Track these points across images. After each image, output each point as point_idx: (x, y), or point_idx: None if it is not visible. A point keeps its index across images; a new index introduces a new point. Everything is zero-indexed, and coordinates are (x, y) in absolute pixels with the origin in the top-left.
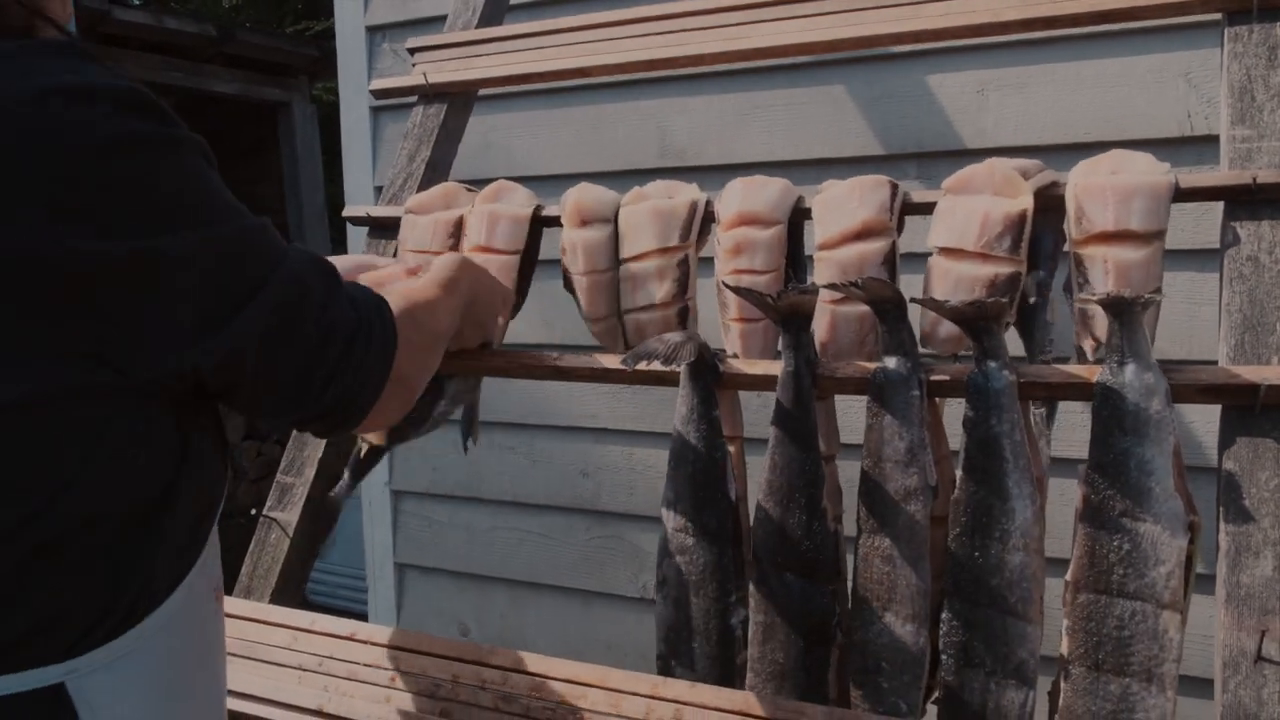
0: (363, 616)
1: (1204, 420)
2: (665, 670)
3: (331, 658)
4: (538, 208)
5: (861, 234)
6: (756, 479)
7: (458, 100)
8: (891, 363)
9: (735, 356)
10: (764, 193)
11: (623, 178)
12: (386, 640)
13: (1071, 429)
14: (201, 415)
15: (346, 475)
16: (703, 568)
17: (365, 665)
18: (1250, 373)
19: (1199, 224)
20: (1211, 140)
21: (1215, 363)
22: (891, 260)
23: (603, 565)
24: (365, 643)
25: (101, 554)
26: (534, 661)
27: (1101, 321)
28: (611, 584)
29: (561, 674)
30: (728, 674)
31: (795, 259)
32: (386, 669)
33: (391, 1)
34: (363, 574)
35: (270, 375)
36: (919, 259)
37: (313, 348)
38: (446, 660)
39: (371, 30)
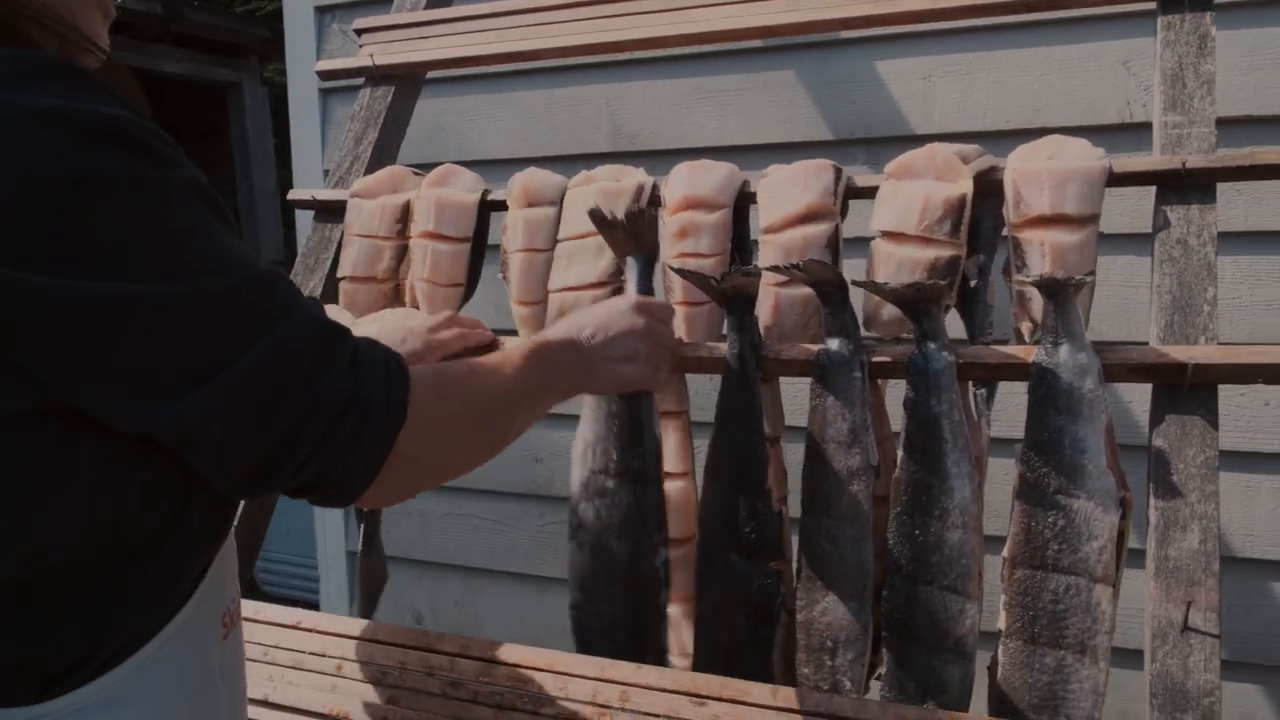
0: (315, 606)
1: (1141, 399)
2: (582, 619)
3: (277, 647)
4: (485, 192)
5: (806, 218)
6: (703, 461)
7: (405, 82)
8: (834, 345)
9: (681, 339)
10: (710, 176)
11: (574, 161)
12: (332, 628)
13: (1017, 409)
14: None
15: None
16: (625, 510)
17: (311, 654)
18: (1179, 352)
19: (1137, 208)
20: (1150, 127)
21: (1148, 343)
22: (835, 244)
23: (557, 551)
24: (311, 631)
25: (74, 602)
26: (480, 646)
27: (1038, 303)
28: (561, 568)
29: (509, 658)
30: (651, 618)
31: (741, 242)
32: (333, 657)
33: None
34: (315, 563)
35: (238, 449)
36: (863, 243)
37: (291, 423)
38: (393, 647)
39: (320, 10)
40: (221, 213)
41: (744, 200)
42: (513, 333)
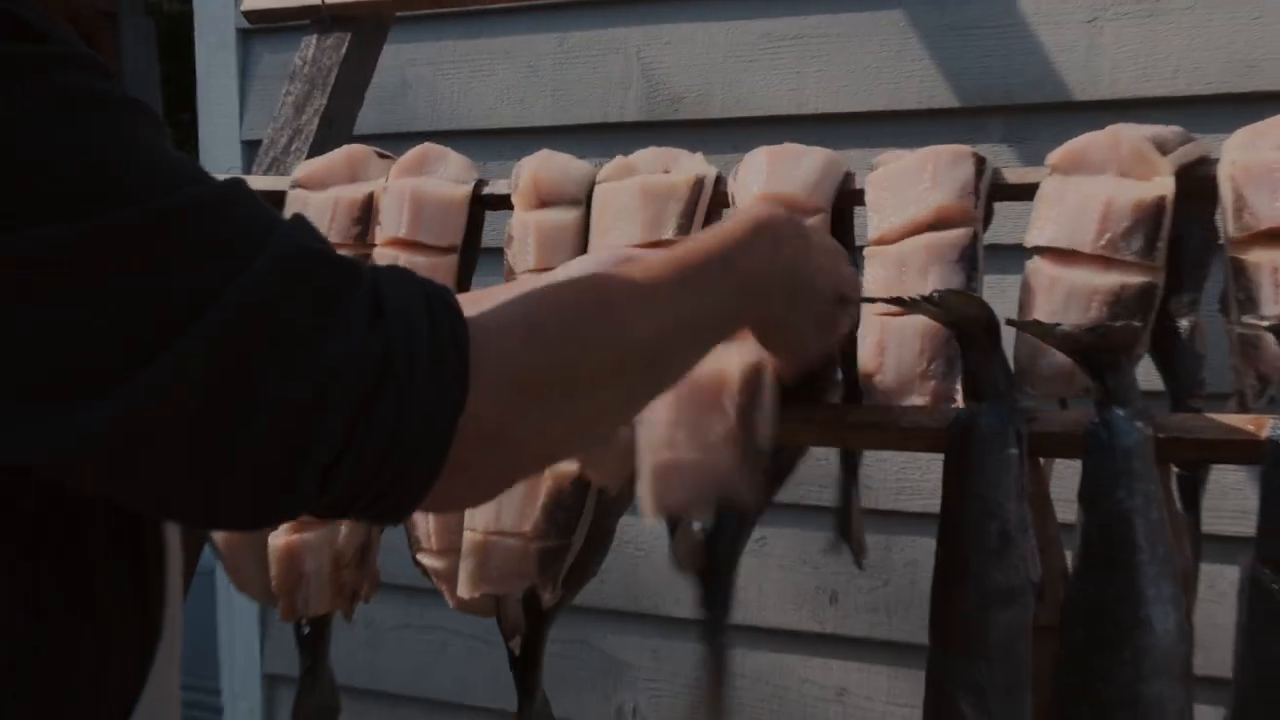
0: None
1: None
2: None
3: None
4: (479, 184)
5: (935, 224)
6: None
7: (366, 27)
8: (979, 409)
9: None
10: (799, 168)
11: (593, 134)
12: None
13: (1222, 495)
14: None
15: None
16: None
17: None
18: None
19: None
20: None
21: None
22: (972, 257)
23: (564, 680)
24: None
25: None
26: None
27: (1272, 353)
28: (575, 706)
29: None
30: None
31: None
32: None
33: None
34: (218, 691)
35: (213, 458)
36: (1007, 253)
37: (294, 412)
38: None
39: None
40: (137, 107)
41: (846, 200)
42: None
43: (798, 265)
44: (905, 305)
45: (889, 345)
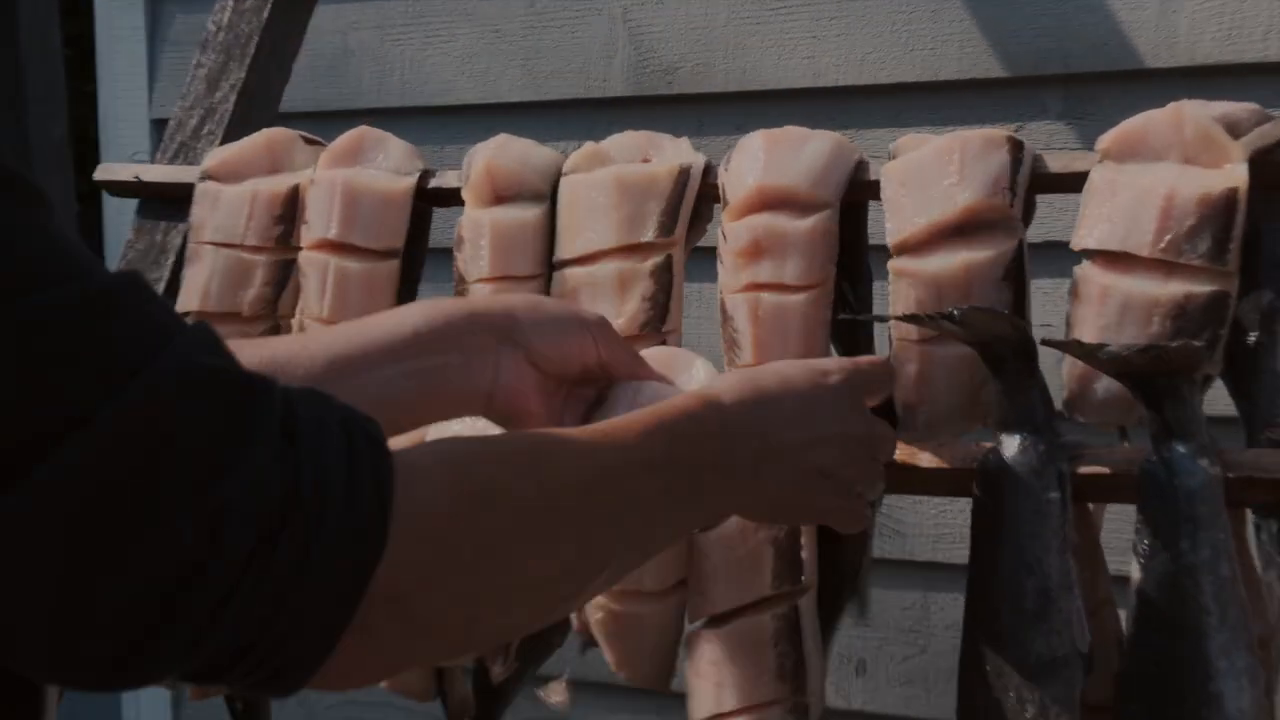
0: None
1: None
2: None
3: None
4: (424, 175)
5: (964, 227)
6: None
7: None
8: (1012, 444)
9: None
10: (801, 155)
11: (569, 112)
12: None
13: None
14: None
15: None
16: None
17: None
18: None
19: None
20: None
21: None
22: (1016, 273)
23: None
24: None
25: None
26: None
27: None
28: None
29: None
30: None
31: (852, 265)
32: None
33: None
34: None
35: (70, 605)
36: (1054, 254)
37: (172, 558)
38: None
39: None
40: (29, 188)
41: (859, 193)
42: None
43: (750, 448)
44: (923, 323)
45: (933, 374)
